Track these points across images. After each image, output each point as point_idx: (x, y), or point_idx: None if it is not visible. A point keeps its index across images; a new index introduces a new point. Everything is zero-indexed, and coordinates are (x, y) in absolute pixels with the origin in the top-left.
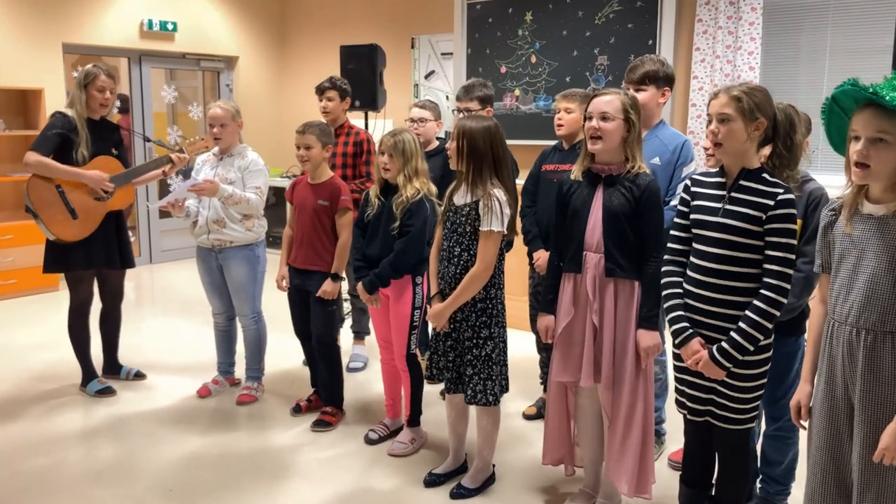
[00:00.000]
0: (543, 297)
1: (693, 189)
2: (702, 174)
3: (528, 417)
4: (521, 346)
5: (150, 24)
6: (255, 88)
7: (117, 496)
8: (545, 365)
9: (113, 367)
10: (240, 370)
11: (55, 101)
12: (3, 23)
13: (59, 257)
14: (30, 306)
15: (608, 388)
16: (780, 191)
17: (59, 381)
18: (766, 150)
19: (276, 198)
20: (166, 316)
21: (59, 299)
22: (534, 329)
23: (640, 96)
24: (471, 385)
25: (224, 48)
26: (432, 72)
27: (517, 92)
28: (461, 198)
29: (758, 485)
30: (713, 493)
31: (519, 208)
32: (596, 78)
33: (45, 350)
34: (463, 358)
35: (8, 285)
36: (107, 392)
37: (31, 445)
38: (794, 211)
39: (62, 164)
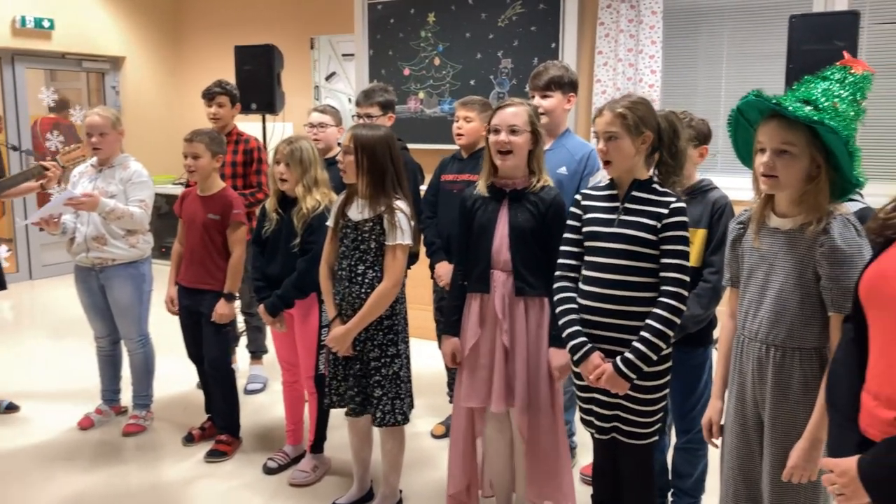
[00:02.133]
0: (447, 318)
1: (584, 203)
2: (592, 188)
3: (436, 437)
4: (427, 359)
5: (24, 20)
6: (145, 91)
7: None
8: (454, 381)
9: None
10: (126, 397)
11: None
12: None
13: None
14: None
15: (523, 412)
16: (672, 199)
17: None
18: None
19: (169, 205)
20: (45, 339)
21: None
22: (440, 346)
23: (547, 103)
24: (380, 406)
25: (109, 48)
26: (333, 73)
27: (421, 95)
28: (358, 213)
29: (669, 498)
30: None
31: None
32: (500, 81)
33: None
34: (370, 379)
35: None
36: None
37: None
38: (686, 219)
39: None
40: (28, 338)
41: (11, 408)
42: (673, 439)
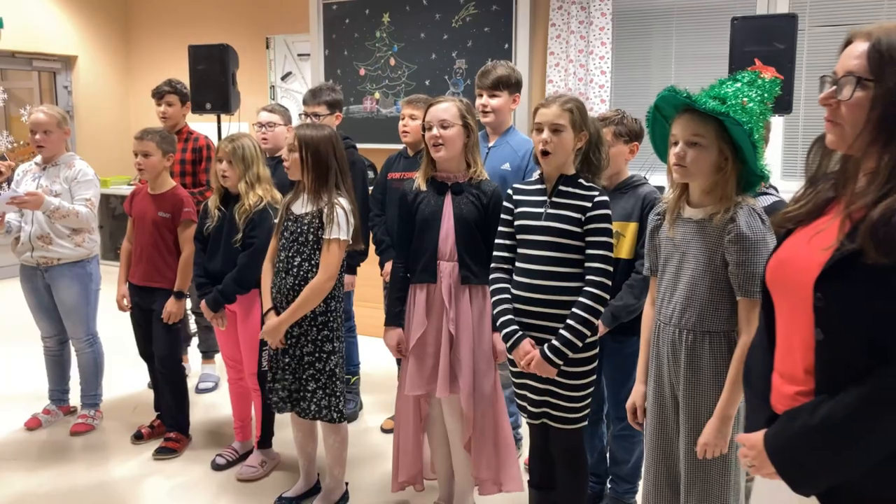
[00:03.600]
0: (390, 310)
1: (515, 197)
2: (522, 183)
3: (385, 431)
4: (377, 356)
5: None
6: (98, 91)
7: None
8: None
9: None
10: (75, 397)
11: None
12: None
13: None
14: None
15: (469, 397)
16: (596, 193)
17: None
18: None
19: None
20: None
21: None
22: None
23: (495, 102)
24: (314, 401)
25: (60, 47)
26: (289, 73)
27: (377, 95)
28: (301, 207)
29: (608, 485)
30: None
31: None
32: (455, 81)
33: None
34: (303, 374)
35: None
36: None
37: None
38: (609, 211)
39: None
40: None
41: None
42: (610, 427)
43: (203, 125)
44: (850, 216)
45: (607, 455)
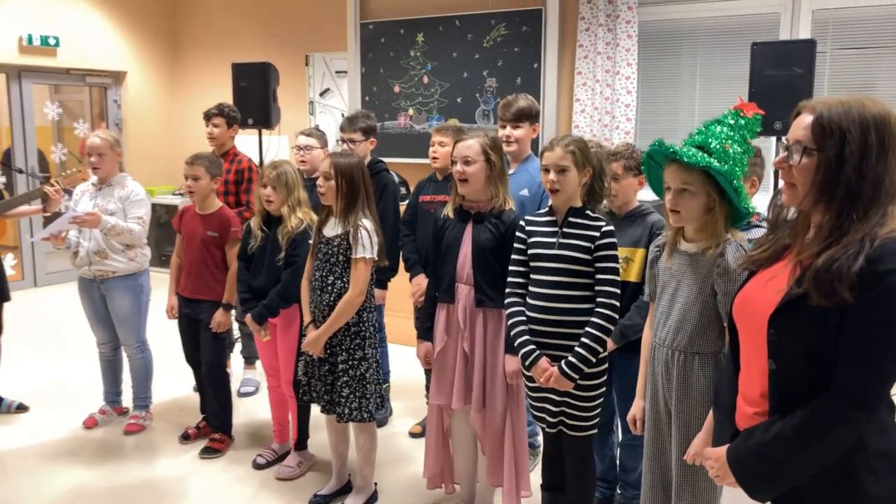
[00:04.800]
0: (421, 325)
1: (528, 228)
2: (534, 215)
3: (413, 436)
4: (406, 363)
5: (30, 38)
6: (145, 104)
7: None
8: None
9: None
10: (127, 399)
11: None
12: None
13: None
14: None
15: (478, 410)
16: (602, 223)
17: None
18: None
19: (169, 216)
20: (51, 344)
21: None
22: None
23: (517, 133)
24: (347, 404)
25: (111, 63)
26: (327, 89)
27: (411, 111)
28: (331, 230)
29: (617, 490)
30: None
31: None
32: (485, 99)
33: None
34: (338, 381)
35: None
36: None
37: None
38: (615, 240)
39: None
40: (35, 342)
41: (21, 408)
42: (620, 437)
43: (244, 139)
44: (800, 263)
45: (617, 463)
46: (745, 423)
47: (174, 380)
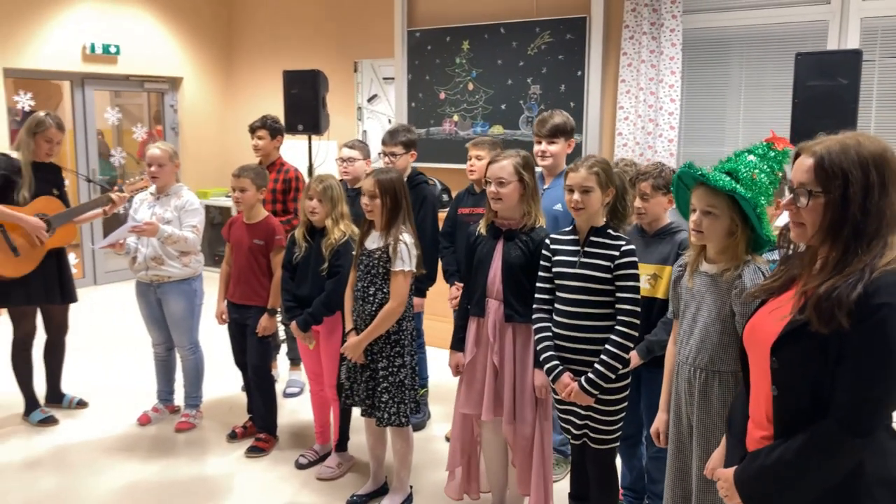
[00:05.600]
0: (454, 336)
1: (552, 247)
2: (558, 233)
3: (449, 440)
4: (445, 369)
5: (93, 47)
6: (200, 109)
7: None
8: None
9: (55, 396)
10: (179, 398)
11: None
12: None
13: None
14: None
15: (509, 422)
16: (623, 243)
17: (2, 410)
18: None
19: (223, 217)
20: (109, 343)
21: (4, 325)
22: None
23: (553, 148)
24: (386, 409)
25: (168, 69)
26: (375, 95)
27: (455, 117)
28: (373, 242)
29: (645, 500)
30: None
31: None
32: (529, 106)
33: None
34: (378, 386)
35: None
36: (49, 421)
37: None
38: (635, 259)
39: (3, 203)
40: (93, 342)
41: (81, 404)
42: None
43: (295, 143)
44: (805, 294)
45: (645, 474)
46: (753, 446)
47: (224, 380)
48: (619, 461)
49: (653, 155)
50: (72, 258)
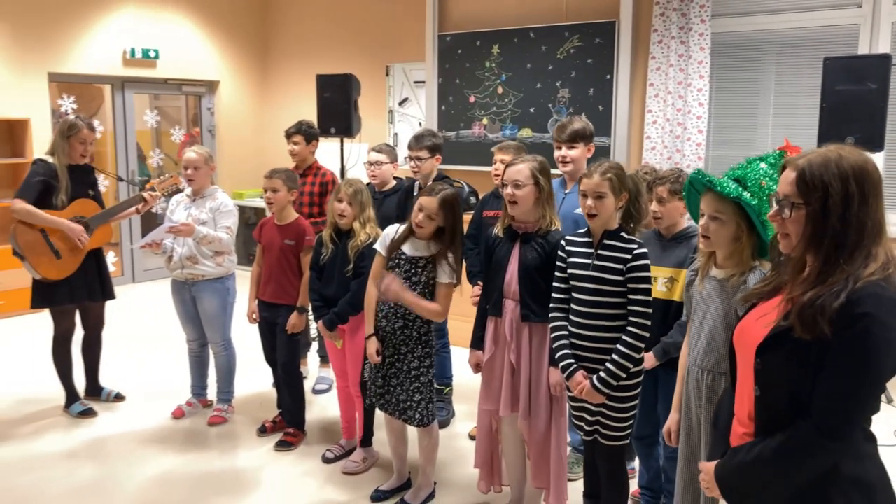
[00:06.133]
0: (474, 335)
1: (567, 249)
2: (573, 236)
3: (472, 438)
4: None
5: (133, 52)
6: (236, 111)
7: None
8: None
9: (94, 389)
10: (212, 393)
11: (42, 130)
12: None
13: (44, 294)
14: (16, 328)
15: (525, 418)
16: (635, 247)
17: (43, 403)
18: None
19: (257, 217)
20: (145, 339)
21: (46, 321)
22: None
23: (573, 153)
24: (418, 409)
25: (205, 73)
26: (406, 99)
27: (485, 121)
28: (416, 250)
29: (662, 499)
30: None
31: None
32: (558, 109)
33: (30, 372)
34: (409, 385)
35: None
36: (88, 413)
37: (19, 463)
38: (647, 262)
39: (44, 208)
40: (132, 337)
41: (119, 397)
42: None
43: (328, 146)
44: (791, 300)
45: (662, 474)
46: (736, 442)
47: (254, 377)
48: (636, 461)
49: (681, 158)
50: (111, 257)
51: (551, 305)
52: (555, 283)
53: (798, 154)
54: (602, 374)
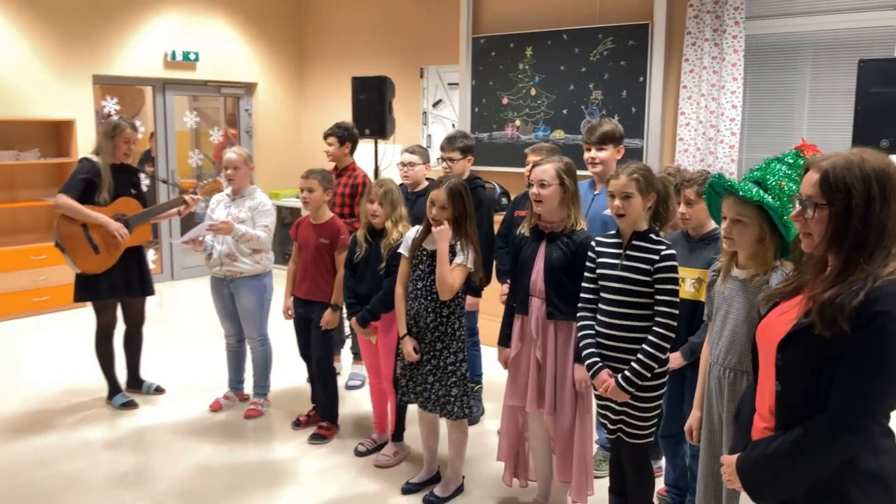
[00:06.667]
0: (501, 332)
1: (597, 249)
2: (603, 237)
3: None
4: (500, 366)
5: (174, 54)
6: (273, 113)
7: (138, 497)
8: None
9: (135, 382)
10: (248, 387)
11: (86, 130)
12: (37, 58)
13: (86, 288)
14: (62, 322)
15: (550, 414)
16: (664, 248)
17: (87, 394)
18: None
19: (293, 217)
20: (185, 334)
21: (89, 316)
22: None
23: (602, 155)
24: (455, 402)
25: (244, 75)
26: (440, 100)
27: (518, 122)
28: (434, 245)
29: (688, 497)
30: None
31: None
32: (591, 111)
33: (75, 364)
34: (448, 380)
35: (41, 302)
36: (130, 405)
37: (64, 452)
38: (675, 263)
39: (87, 204)
40: (170, 333)
41: (159, 390)
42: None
43: (362, 147)
44: (812, 298)
45: (688, 472)
46: (757, 436)
47: (290, 372)
48: (663, 459)
49: (714, 161)
50: (151, 255)
51: (579, 305)
52: (584, 284)
53: (821, 156)
54: (627, 372)
